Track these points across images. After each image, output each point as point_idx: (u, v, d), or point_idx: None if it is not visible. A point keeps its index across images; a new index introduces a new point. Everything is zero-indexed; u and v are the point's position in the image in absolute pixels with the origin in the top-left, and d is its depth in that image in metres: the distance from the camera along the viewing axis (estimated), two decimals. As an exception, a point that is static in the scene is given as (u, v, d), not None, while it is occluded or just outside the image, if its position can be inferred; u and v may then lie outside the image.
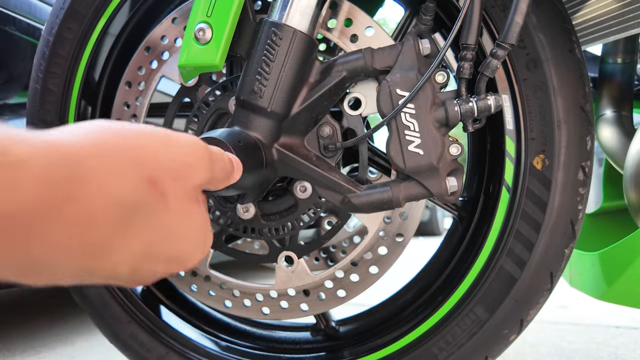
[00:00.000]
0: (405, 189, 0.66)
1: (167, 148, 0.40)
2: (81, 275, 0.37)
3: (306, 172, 0.68)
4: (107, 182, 0.35)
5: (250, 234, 0.77)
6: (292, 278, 0.79)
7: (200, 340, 0.87)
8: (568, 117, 0.69)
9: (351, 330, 0.89)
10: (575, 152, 0.69)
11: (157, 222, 0.39)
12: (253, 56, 0.67)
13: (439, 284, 0.83)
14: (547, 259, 0.70)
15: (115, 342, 0.88)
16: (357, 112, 0.72)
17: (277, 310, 0.82)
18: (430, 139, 0.64)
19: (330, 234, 0.81)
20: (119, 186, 0.36)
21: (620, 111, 1.00)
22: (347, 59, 0.68)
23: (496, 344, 0.73)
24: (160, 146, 0.40)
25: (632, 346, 1.42)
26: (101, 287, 0.88)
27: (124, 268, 0.38)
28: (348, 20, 0.72)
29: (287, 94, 0.67)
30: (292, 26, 0.65)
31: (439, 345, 0.74)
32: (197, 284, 0.85)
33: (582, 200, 0.70)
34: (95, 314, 0.88)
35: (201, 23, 0.66)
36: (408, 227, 0.76)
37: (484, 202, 0.81)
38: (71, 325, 1.74)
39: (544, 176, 0.70)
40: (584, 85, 0.70)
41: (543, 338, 1.52)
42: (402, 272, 1.36)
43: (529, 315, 0.72)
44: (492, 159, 0.81)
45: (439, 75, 0.65)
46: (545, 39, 0.68)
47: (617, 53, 1.00)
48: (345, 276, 0.79)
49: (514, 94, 0.70)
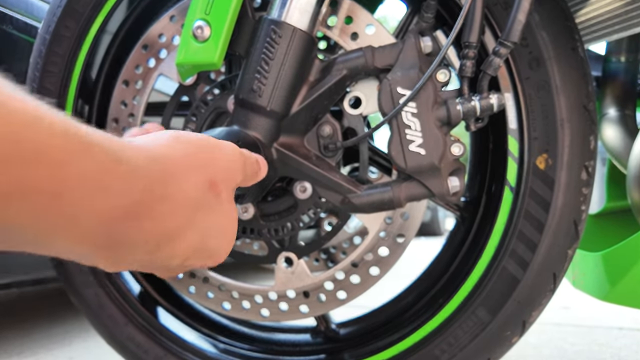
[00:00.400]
0: (406, 189, 0.66)
1: (219, 153, 0.46)
2: (143, 262, 0.41)
3: (306, 172, 0.68)
4: (184, 183, 0.41)
5: (250, 235, 0.76)
6: (291, 279, 0.78)
7: (198, 342, 0.87)
8: (571, 116, 0.68)
9: (352, 332, 0.88)
10: (578, 151, 0.68)
11: (212, 218, 0.44)
12: (252, 54, 0.66)
13: (440, 285, 0.82)
14: (550, 259, 0.69)
15: (113, 343, 0.87)
16: (357, 111, 0.72)
17: (277, 312, 0.81)
18: (431, 139, 0.64)
19: (331, 234, 0.80)
20: (192, 187, 0.41)
21: (624, 110, 0.99)
22: (348, 57, 0.67)
23: (498, 346, 0.72)
24: (216, 151, 0.46)
25: (635, 348, 1.41)
26: (98, 288, 0.87)
27: (178, 260, 0.43)
28: (348, 18, 0.71)
29: (287, 92, 0.66)
30: (292, 24, 0.64)
31: (441, 347, 0.73)
32: (195, 286, 0.84)
33: (585, 200, 0.69)
34: (93, 315, 0.88)
35: (199, 21, 0.65)
36: (409, 228, 0.75)
37: (487, 203, 0.80)
38: (68, 327, 1.73)
39: (547, 176, 0.69)
40: (587, 84, 0.69)
41: (545, 340, 1.51)
42: (404, 273, 1.35)
43: (532, 316, 0.71)
44: (494, 159, 0.80)
45: (441, 74, 0.65)
46: (548, 37, 0.68)
47: (620, 52, 0.99)
48: (346, 277, 0.78)
49: (517, 93, 0.69)
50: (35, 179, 0.28)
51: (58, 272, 0.90)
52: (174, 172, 0.40)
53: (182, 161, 0.41)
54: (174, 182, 0.40)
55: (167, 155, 0.40)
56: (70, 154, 0.30)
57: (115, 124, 0.84)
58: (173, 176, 0.40)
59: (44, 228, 0.31)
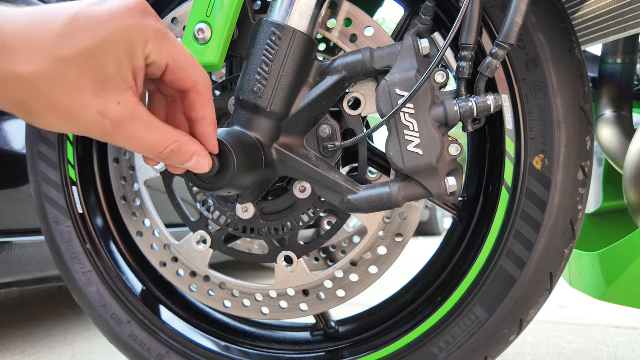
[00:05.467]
0: (404, 189, 0.66)
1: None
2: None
3: (305, 172, 0.68)
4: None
5: (250, 234, 0.77)
6: (291, 278, 0.79)
7: (199, 340, 0.87)
8: (568, 117, 0.69)
9: (351, 330, 0.89)
10: (575, 152, 0.69)
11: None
12: (252, 56, 0.67)
13: (438, 284, 0.83)
14: (547, 259, 0.70)
15: (115, 342, 0.88)
16: (356, 112, 0.72)
17: (277, 310, 0.82)
18: (429, 139, 0.64)
19: (330, 234, 0.81)
20: None
21: (620, 111, 1.00)
22: (347, 59, 0.68)
23: (496, 344, 0.73)
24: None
25: (632, 346, 1.42)
26: (101, 287, 0.88)
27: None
28: (347, 20, 0.72)
29: (287, 94, 0.67)
30: (292, 26, 0.65)
31: (438, 345, 0.74)
32: (196, 284, 0.85)
33: (581, 200, 0.70)
34: (95, 314, 0.88)
35: (200, 23, 0.66)
36: (407, 227, 0.76)
37: (484, 202, 0.81)
38: (71, 325, 1.74)
39: (543, 176, 0.70)
40: (584, 85, 0.70)
41: (543, 338, 1.52)
42: (402, 272, 1.36)
43: (529, 315, 0.72)
44: (491, 159, 0.81)
45: (439, 75, 0.65)
46: (545, 39, 0.68)
47: (617, 53, 1.00)
48: (345, 276, 0.79)
49: (514, 94, 0.70)
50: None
51: (61, 271, 0.91)
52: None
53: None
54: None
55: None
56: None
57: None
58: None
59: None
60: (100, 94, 0.43)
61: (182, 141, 0.50)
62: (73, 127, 0.44)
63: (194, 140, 0.52)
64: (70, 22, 0.42)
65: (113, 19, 0.43)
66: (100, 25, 0.43)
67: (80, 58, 0.42)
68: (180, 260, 0.85)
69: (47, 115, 0.43)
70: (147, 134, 0.46)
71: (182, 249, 0.84)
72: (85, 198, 0.90)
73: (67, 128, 0.44)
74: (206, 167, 0.53)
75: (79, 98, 0.42)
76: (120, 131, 0.45)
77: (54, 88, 0.42)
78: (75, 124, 0.44)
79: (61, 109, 0.43)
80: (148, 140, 0.47)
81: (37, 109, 0.42)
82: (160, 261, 0.86)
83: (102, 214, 0.93)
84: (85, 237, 0.89)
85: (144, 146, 0.47)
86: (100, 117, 0.43)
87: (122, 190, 0.88)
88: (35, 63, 0.41)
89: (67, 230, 0.89)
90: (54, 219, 0.89)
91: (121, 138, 0.45)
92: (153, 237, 0.87)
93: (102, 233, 0.92)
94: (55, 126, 0.44)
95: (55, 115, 0.43)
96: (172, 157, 0.49)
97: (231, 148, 0.58)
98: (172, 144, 0.48)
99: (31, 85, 0.41)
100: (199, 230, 0.83)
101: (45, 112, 0.43)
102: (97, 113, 0.43)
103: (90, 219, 0.91)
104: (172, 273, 0.85)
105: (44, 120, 0.43)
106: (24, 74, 0.40)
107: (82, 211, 0.90)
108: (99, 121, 0.44)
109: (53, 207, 0.89)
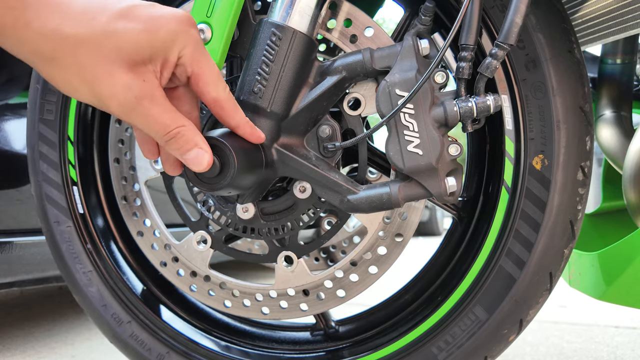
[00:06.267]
0: (404, 189, 0.67)
1: None
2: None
3: (305, 172, 0.69)
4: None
5: (250, 234, 0.77)
6: (291, 278, 0.80)
7: (200, 340, 0.88)
8: (567, 118, 0.69)
9: (351, 330, 0.89)
10: (574, 152, 0.69)
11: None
12: (252, 56, 0.67)
13: (438, 284, 0.83)
14: (547, 259, 0.70)
15: (116, 341, 0.88)
16: (356, 112, 0.73)
17: (277, 310, 0.82)
18: (429, 139, 0.64)
19: (330, 234, 0.81)
20: None
21: (620, 111, 1.00)
22: (347, 59, 0.68)
23: (496, 344, 0.73)
24: None
25: (631, 346, 1.43)
26: (101, 287, 0.88)
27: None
28: (347, 20, 0.72)
29: (287, 94, 0.67)
30: (292, 26, 0.66)
31: (438, 345, 0.74)
32: (197, 284, 0.85)
33: (581, 200, 0.70)
34: (96, 313, 0.89)
35: (201, 23, 0.66)
36: (407, 227, 0.76)
37: (484, 202, 0.81)
38: (71, 325, 1.74)
39: (543, 176, 0.70)
40: (583, 85, 0.70)
41: (542, 338, 1.52)
42: (402, 272, 1.36)
43: (529, 315, 0.72)
44: (491, 159, 0.81)
45: (438, 76, 0.65)
46: (545, 40, 0.68)
47: (616, 53, 1.00)
48: (345, 276, 0.79)
49: (513, 94, 0.70)
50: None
51: (62, 271, 0.91)
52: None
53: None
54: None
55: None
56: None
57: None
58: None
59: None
60: (131, 70, 0.48)
61: (188, 128, 0.53)
62: (92, 92, 0.48)
63: (199, 134, 0.55)
64: (127, 8, 0.48)
65: (164, 18, 0.50)
66: (153, 18, 0.49)
67: (124, 36, 0.47)
68: (181, 260, 0.85)
69: (73, 76, 0.47)
70: (160, 113, 0.51)
71: (183, 249, 0.84)
72: (85, 198, 0.91)
73: (84, 92, 0.48)
74: (204, 163, 0.55)
75: (111, 68, 0.47)
76: (139, 106, 0.49)
77: (91, 53, 0.46)
78: (96, 90, 0.48)
79: (89, 73, 0.47)
80: (160, 119, 0.51)
81: (67, 66, 0.47)
82: (161, 261, 0.86)
83: (103, 214, 0.93)
84: (86, 237, 0.90)
85: (155, 124, 0.51)
86: (125, 90, 0.48)
87: (122, 190, 0.89)
88: (82, 28, 0.46)
89: (68, 230, 0.89)
90: (54, 219, 0.90)
91: (137, 113, 0.50)
92: (153, 237, 0.87)
93: (103, 233, 0.92)
94: (74, 86, 0.48)
95: (81, 77, 0.47)
96: (176, 140, 0.53)
97: (231, 148, 0.58)
98: (180, 126, 0.53)
99: (71, 44, 0.46)
100: (200, 230, 0.83)
101: (72, 73, 0.47)
102: (123, 85, 0.48)
103: (90, 219, 0.91)
104: (173, 273, 0.86)
105: (67, 78, 0.47)
106: (69, 33, 0.45)
107: (83, 211, 0.90)
108: (123, 92, 0.48)
109: (54, 207, 0.89)
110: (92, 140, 0.92)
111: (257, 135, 0.61)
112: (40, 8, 0.45)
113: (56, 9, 0.45)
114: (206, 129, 0.77)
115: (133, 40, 0.47)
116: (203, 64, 0.53)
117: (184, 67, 0.53)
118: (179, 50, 0.51)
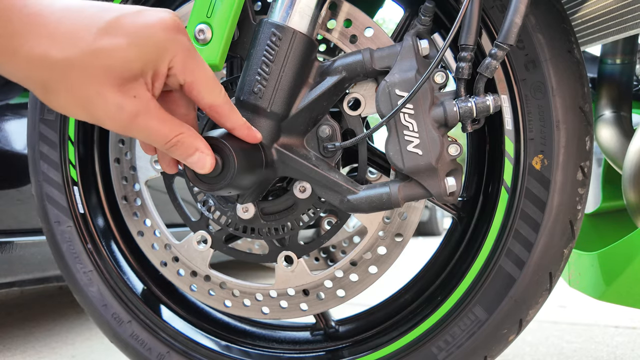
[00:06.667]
0: (404, 189, 0.67)
1: None
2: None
3: (305, 172, 0.69)
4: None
5: (250, 234, 0.78)
6: (291, 278, 0.80)
7: (200, 339, 0.88)
8: (567, 118, 0.69)
9: (351, 329, 0.89)
10: (574, 152, 0.69)
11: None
12: (253, 57, 0.67)
13: (438, 283, 0.83)
14: (546, 259, 0.70)
15: (116, 341, 0.89)
16: (356, 112, 0.73)
17: (277, 310, 0.82)
18: (429, 139, 0.65)
19: (330, 233, 0.81)
20: None
21: (619, 112, 1.00)
22: (347, 59, 0.68)
23: (495, 344, 0.73)
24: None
25: (631, 345, 1.43)
26: (102, 287, 0.89)
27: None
28: (347, 20, 0.72)
29: (287, 94, 0.67)
30: (292, 27, 0.66)
31: (438, 344, 0.74)
32: (197, 284, 0.85)
33: (581, 200, 0.70)
34: (96, 313, 0.89)
35: (201, 24, 0.66)
36: (407, 227, 0.77)
37: (483, 202, 0.82)
38: (72, 325, 1.74)
39: (542, 176, 0.70)
40: (583, 85, 0.70)
41: (542, 338, 1.52)
42: (402, 271, 1.36)
43: (528, 315, 0.72)
44: (491, 159, 0.81)
45: (438, 76, 0.66)
46: (544, 40, 0.69)
47: (616, 53, 1.00)
48: (345, 276, 0.79)
49: (513, 95, 0.70)
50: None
51: (62, 270, 0.91)
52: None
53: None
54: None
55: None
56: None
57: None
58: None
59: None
60: (121, 89, 0.47)
61: (187, 134, 0.53)
62: (88, 113, 0.48)
63: (199, 137, 0.55)
64: (112, 21, 0.47)
65: (150, 28, 0.48)
66: (138, 30, 0.47)
67: (111, 54, 0.46)
68: (181, 260, 0.85)
69: (66, 99, 0.47)
70: (157, 125, 0.50)
71: (183, 249, 0.84)
72: (86, 198, 0.91)
73: (81, 114, 0.48)
74: (207, 165, 0.55)
75: (101, 89, 0.46)
76: (134, 123, 0.49)
77: (80, 75, 0.45)
78: (90, 112, 0.47)
79: (81, 96, 0.46)
80: (158, 131, 0.51)
81: (59, 91, 0.46)
82: (161, 261, 0.86)
83: (103, 214, 0.93)
84: (87, 236, 0.90)
85: (154, 136, 0.51)
86: (117, 110, 0.47)
87: (123, 190, 0.89)
88: (70, 51, 0.45)
89: (68, 230, 0.89)
90: (55, 219, 0.90)
91: (134, 129, 0.50)
92: (154, 236, 0.87)
93: (103, 233, 0.92)
94: (70, 110, 0.48)
95: (74, 100, 0.47)
96: (177, 147, 0.53)
97: (231, 148, 0.58)
98: (179, 134, 0.52)
99: (60, 69, 0.45)
100: (200, 230, 0.83)
101: (64, 96, 0.46)
102: (115, 105, 0.47)
103: (91, 219, 0.91)
104: (173, 273, 0.86)
105: (62, 102, 0.47)
106: (57, 58, 0.44)
107: (83, 211, 0.90)
108: (116, 112, 0.47)
109: (54, 207, 0.90)
110: (92, 140, 0.93)
111: (254, 135, 0.62)
112: (28, 33, 0.43)
113: (44, 32, 0.44)
114: (206, 129, 0.77)
115: (120, 57, 0.46)
116: (195, 72, 0.52)
117: (175, 77, 0.52)
118: (169, 60, 0.50)
